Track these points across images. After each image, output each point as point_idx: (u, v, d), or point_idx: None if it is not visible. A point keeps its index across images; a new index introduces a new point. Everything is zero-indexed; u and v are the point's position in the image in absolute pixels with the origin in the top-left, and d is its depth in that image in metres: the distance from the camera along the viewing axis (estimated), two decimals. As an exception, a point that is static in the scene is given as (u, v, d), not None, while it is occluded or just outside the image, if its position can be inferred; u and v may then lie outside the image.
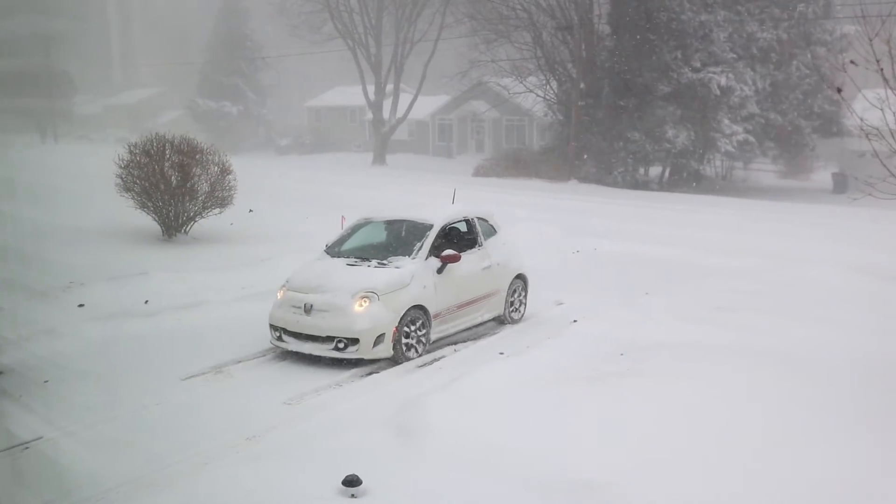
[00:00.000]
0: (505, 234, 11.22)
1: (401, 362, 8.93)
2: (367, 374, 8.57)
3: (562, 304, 11.94)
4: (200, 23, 64.71)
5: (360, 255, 9.68)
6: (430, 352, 9.39)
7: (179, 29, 68.27)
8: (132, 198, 15.01)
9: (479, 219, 10.73)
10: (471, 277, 10.03)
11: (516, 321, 11.04)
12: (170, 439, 6.64)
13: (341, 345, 8.65)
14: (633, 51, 33.50)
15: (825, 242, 17.91)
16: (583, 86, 35.74)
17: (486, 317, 10.53)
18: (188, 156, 15.03)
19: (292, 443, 6.50)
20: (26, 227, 15.47)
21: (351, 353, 8.65)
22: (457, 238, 10.18)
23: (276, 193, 24.09)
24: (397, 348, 8.88)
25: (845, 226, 21.88)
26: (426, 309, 9.22)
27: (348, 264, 9.41)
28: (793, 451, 6.05)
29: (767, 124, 35.68)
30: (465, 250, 10.01)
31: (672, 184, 36.71)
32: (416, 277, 9.17)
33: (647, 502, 5.37)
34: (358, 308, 8.66)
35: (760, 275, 13.54)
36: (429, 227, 9.79)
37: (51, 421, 6.92)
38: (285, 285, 9.32)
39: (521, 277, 11.11)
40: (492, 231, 10.89)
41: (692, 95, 33.01)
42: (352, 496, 5.46)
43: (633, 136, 33.95)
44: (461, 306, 9.93)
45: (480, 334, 10.29)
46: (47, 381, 7.86)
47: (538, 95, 38.51)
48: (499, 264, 10.63)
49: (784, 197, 33.53)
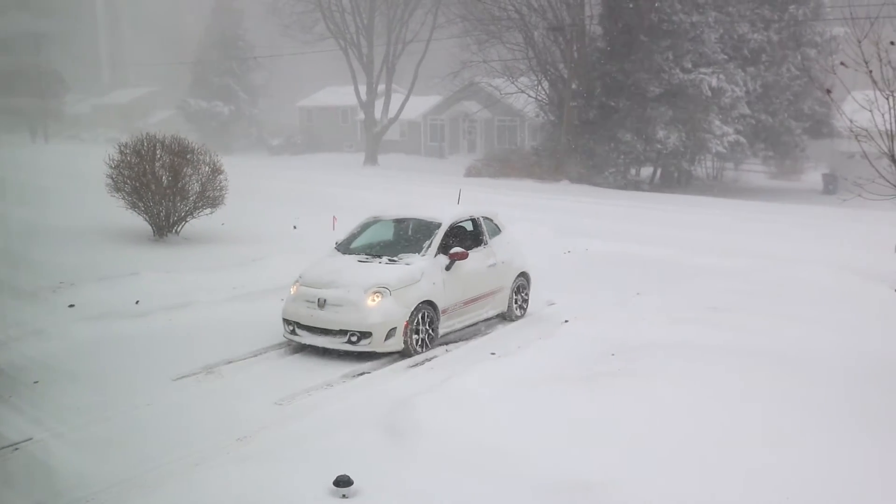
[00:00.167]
0: (509, 233, 11.43)
1: (411, 355, 9.15)
2: (358, 375, 8.56)
3: (553, 304, 11.98)
4: (192, 23, 64.59)
5: (370, 252, 9.88)
6: (439, 345, 9.63)
7: (171, 29, 68.07)
8: (123, 198, 14.96)
9: (485, 218, 10.95)
10: (477, 275, 10.24)
11: (520, 317, 11.22)
12: (160, 440, 6.61)
13: (354, 338, 8.87)
14: (624, 51, 33.61)
15: (816, 243, 18.00)
16: (574, 86, 35.82)
17: (490, 313, 10.71)
18: (179, 156, 14.98)
19: (283, 443, 6.49)
20: (16, 227, 15.39)
21: (363, 346, 8.88)
22: (463, 236, 10.42)
23: (268, 193, 24.04)
24: (408, 342, 9.10)
25: (836, 226, 22.00)
26: (435, 304, 9.45)
27: (359, 261, 9.64)
28: (789, 451, 6.05)
29: (758, 125, 35.87)
30: (471, 248, 10.23)
31: (663, 184, 36.87)
32: (425, 274, 9.40)
33: (641, 502, 5.38)
34: (370, 303, 8.90)
35: (752, 275, 13.58)
36: (437, 225, 9.98)
37: (40, 422, 6.88)
38: (298, 281, 9.49)
39: (524, 275, 11.31)
40: (496, 230, 11.10)
41: (683, 96, 33.15)
42: (343, 496, 5.46)
43: (625, 137, 34.04)
44: (467, 302, 10.15)
45: (472, 334, 10.30)
46: (37, 382, 7.82)
47: (530, 96, 38.59)
48: (503, 262, 10.82)
49: (774, 198, 33.69)
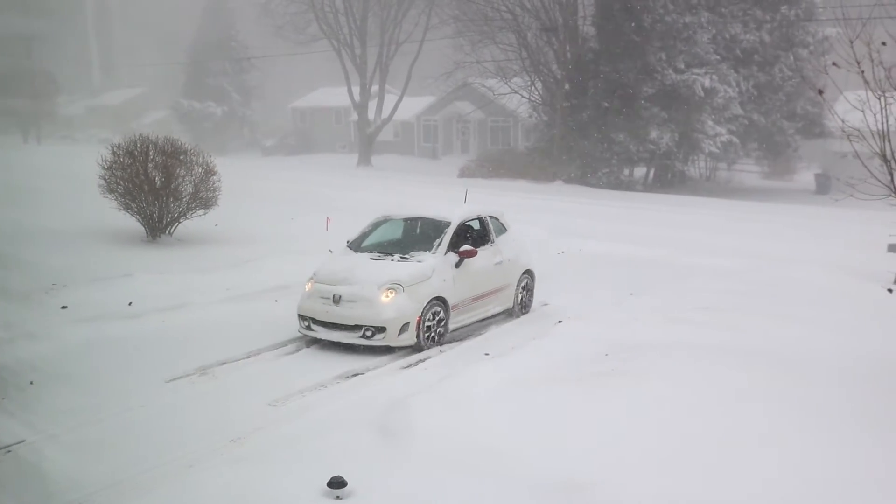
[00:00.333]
0: (514, 231, 11.73)
1: (423, 349, 9.49)
2: (352, 375, 8.56)
3: (547, 304, 12.01)
4: (185, 23, 64.44)
5: (382, 250, 10.19)
6: (448, 342, 9.88)
7: (164, 29, 67.98)
8: (115, 199, 14.92)
9: (491, 217, 11.27)
10: (484, 272, 10.55)
11: (525, 313, 11.49)
12: (154, 441, 6.59)
13: (369, 333, 9.20)
14: (617, 52, 33.65)
15: (809, 243, 18.05)
16: (567, 87, 35.85)
17: (497, 309, 11.01)
18: (172, 157, 14.96)
19: (277, 444, 6.48)
20: (7, 228, 15.35)
21: (378, 341, 9.22)
22: (471, 235, 10.72)
23: (261, 194, 24.00)
24: (420, 336, 9.42)
25: (828, 226, 22.07)
26: (446, 300, 9.78)
27: (372, 258, 9.97)
28: (786, 451, 6.03)
29: (751, 125, 35.97)
30: (478, 247, 10.53)
31: (656, 185, 36.90)
32: (436, 271, 9.73)
33: (636, 502, 5.38)
34: (384, 299, 9.24)
35: (746, 275, 13.60)
36: (447, 224, 10.30)
37: (33, 424, 6.86)
38: (313, 278, 9.79)
39: (528, 273, 11.60)
40: (502, 229, 11.44)
41: (676, 97, 33.21)
42: (337, 498, 5.45)
43: (618, 137, 34.09)
44: (476, 299, 10.47)
45: (466, 335, 10.31)
46: (32, 383, 7.79)
47: (523, 97, 38.61)
48: (509, 260, 11.13)
49: (767, 198, 33.78)
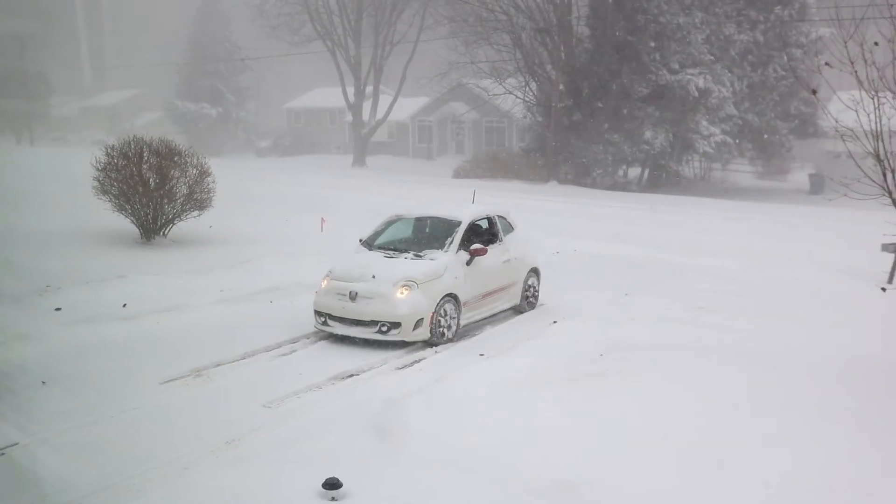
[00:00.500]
0: (521, 230, 11.96)
1: (437, 344, 9.79)
2: (347, 376, 8.55)
3: (542, 304, 12.02)
4: (179, 24, 64.35)
5: (395, 248, 10.46)
6: (460, 337, 10.16)
7: (159, 31, 67.88)
8: (109, 200, 14.86)
9: (499, 216, 11.55)
10: (493, 270, 10.84)
11: (531, 309, 11.76)
12: (148, 444, 6.57)
13: (384, 328, 9.51)
14: (611, 53, 33.69)
15: (803, 242, 18.06)
16: (562, 87, 35.88)
17: (505, 306, 11.31)
18: (166, 158, 14.90)
19: (272, 446, 6.47)
20: (0, 230, 15.28)
21: (393, 336, 9.52)
22: (480, 234, 11.01)
23: (256, 195, 23.95)
24: (433, 332, 9.71)
25: (822, 226, 22.11)
26: (457, 297, 10.07)
27: (386, 256, 10.25)
28: (780, 450, 6.04)
29: (745, 125, 36.06)
30: (487, 245, 10.79)
31: (651, 185, 36.96)
32: (448, 268, 10.03)
33: (631, 501, 5.38)
34: (399, 295, 9.53)
35: (740, 275, 13.64)
36: (458, 223, 10.57)
37: (26, 427, 6.82)
38: (329, 275, 10.07)
39: (534, 271, 11.89)
40: (510, 228, 11.68)
41: (670, 97, 33.28)
42: (332, 499, 5.44)
43: (612, 138, 34.14)
44: (485, 295, 10.77)
45: (461, 335, 10.30)
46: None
47: (517, 97, 38.59)
48: (516, 258, 11.43)
49: (762, 197, 33.85)
